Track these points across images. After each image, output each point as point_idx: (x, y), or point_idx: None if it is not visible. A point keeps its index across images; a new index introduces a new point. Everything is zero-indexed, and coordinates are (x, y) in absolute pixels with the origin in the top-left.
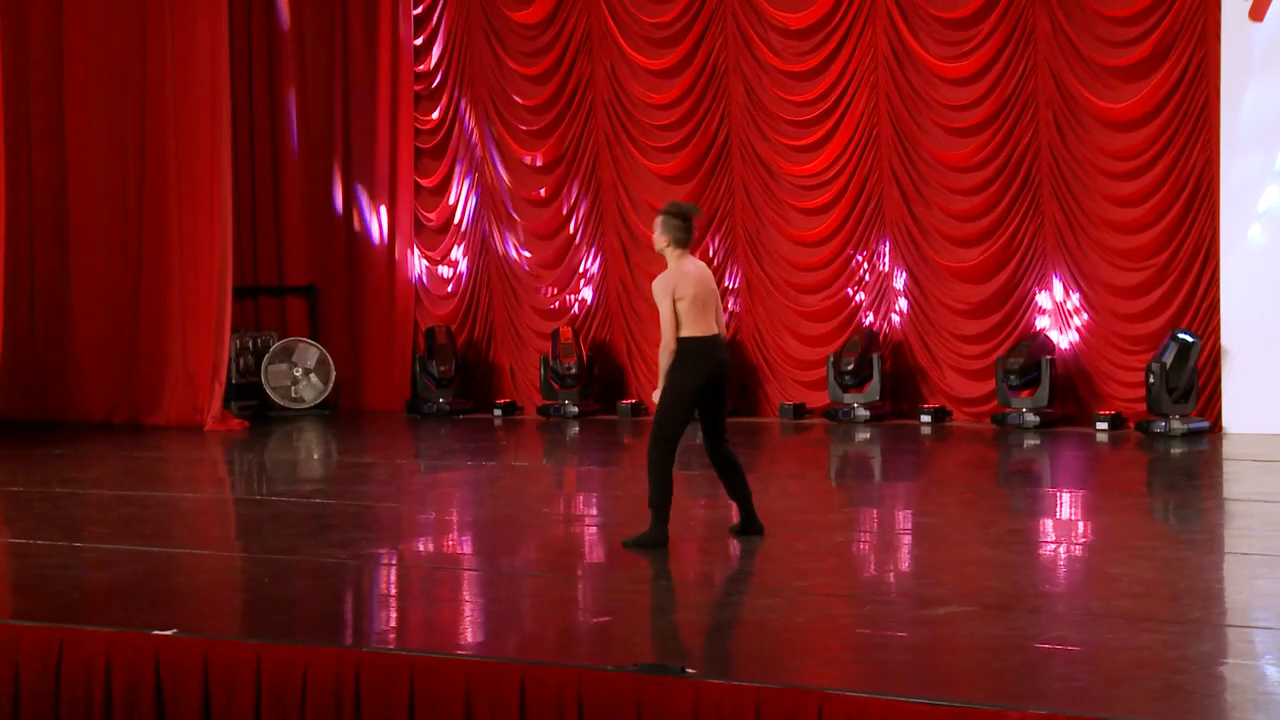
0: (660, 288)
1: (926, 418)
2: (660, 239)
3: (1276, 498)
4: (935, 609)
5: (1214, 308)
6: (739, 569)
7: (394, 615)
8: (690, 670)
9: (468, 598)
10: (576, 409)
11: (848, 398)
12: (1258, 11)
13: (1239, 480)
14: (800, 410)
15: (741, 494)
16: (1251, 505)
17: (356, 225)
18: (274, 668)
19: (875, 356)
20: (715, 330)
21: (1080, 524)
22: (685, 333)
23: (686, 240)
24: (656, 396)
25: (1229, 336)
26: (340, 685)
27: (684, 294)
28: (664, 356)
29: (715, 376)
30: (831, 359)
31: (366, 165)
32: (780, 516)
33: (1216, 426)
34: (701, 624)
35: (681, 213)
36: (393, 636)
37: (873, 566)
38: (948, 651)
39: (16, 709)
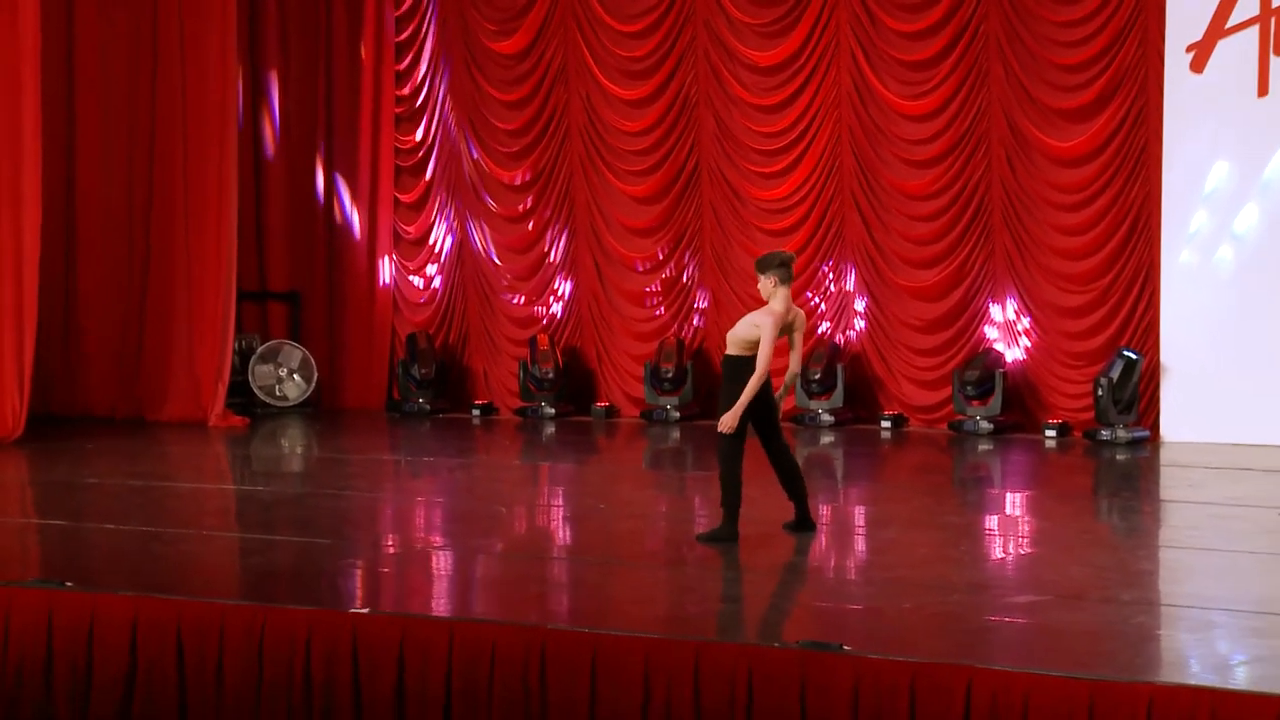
0: (770, 324)
1: (886, 424)
2: (767, 283)
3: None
4: (1016, 597)
5: (1153, 327)
6: (816, 560)
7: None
8: (846, 647)
9: (603, 582)
10: (553, 410)
11: (813, 404)
12: (1198, 64)
13: (1203, 485)
14: None
15: (798, 493)
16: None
17: (338, 236)
18: (465, 643)
19: (839, 367)
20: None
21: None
22: (750, 354)
23: (790, 278)
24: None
25: (1167, 354)
26: (527, 660)
27: (785, 331)
28: (755, 384)
29: (765, 391)
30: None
31: (348, 181)
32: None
33: (1155, 435)
34: (812, 606)
35: (782, 257)
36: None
37: (935, 559)
38: (1040, 631)
39: (220, 682)
